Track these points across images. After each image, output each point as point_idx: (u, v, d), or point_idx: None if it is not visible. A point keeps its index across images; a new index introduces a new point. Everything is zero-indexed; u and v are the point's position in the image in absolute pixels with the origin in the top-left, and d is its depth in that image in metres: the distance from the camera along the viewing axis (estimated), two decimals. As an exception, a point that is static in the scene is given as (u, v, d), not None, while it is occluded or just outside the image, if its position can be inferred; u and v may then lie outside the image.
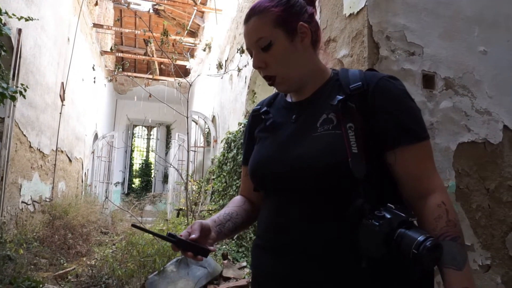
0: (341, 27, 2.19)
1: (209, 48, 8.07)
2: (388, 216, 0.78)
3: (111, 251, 4.95)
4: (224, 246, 4.18)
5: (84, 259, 5.22)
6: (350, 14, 2.10)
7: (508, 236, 1.93)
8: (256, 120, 1.10)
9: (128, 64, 4.77)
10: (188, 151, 3.75)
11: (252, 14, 0.97)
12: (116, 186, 12.86)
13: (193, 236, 0.89)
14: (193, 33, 11.91)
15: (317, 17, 2.53)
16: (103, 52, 10.89)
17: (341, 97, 0.90)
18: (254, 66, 0.99)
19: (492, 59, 2.09)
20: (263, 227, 0.99)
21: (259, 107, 1.12)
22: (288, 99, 1.07)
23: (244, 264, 3.81)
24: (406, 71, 1.95)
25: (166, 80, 11.61)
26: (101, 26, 9.77)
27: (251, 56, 1.00)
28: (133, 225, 0.98)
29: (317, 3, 2.55)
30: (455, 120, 1.97)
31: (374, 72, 0.97)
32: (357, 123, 0.87)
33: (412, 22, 2.00)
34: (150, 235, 4.29)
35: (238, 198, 1.15)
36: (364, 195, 0.84)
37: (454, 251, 0.79)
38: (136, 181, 15.21)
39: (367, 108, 0.90)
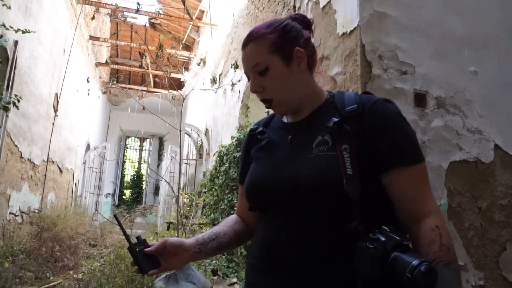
0: (335, 45, 2.19)
1: (204, 62, 8.09)
2: (383, 238, 0.77)
3: (99, 264, 4.82)
4: (214, 261, 4.10)
5: (71, 272, 5.08)
6: (343, 33, 2.10)
7: (501, 256, 1.91)
8: (253, 140, 1.10)
9: (122, 77, 4.74)
10: (180, 164, 3.71)
11: (249, 40, 0.99)
12: (106, 197, 12.67)
13: (148, 249, 0.95)
14: (188, 47, 11.95)
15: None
16: (98, 64, 10.86)
17: (336, 119, 0.90)
18: (252, 90, 0.99)
19: (482, 79, 2.11)
20: (257, 247, 0.97)
21: (256, 127, 1.12)
22: (285, 119, 1.07)
23: (235, 280, 3.73)
24: (398, 90, 1.95)
25: (160, 92, 11.59)
26: (97, 38, 9.77)
27: (249, 80, 1.00)
28: (114, 216, 1.04)
29: (311, 21, 2.57)
30: (446, 138, 1.97)
31: (369, 95, 0.98)
32: (352, 145, 0.87)
33: (404, 42, 2.01)
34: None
35: (231, 217, 1.14)
36: (358, 217, 0.83)
37: (447, 277, 0.77)
38: (127, 193, 15.02)
39: (362, 131, 0.90)
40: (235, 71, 4.79)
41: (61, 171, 7.92)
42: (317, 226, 0.87)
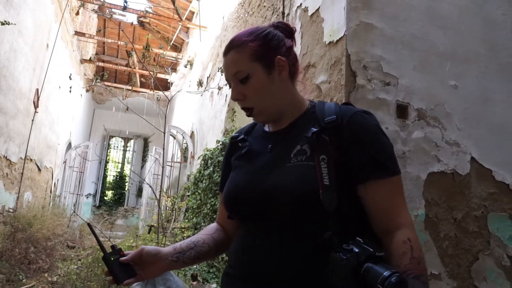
0: (321, 53, 2.26)
1: (191, 64, 8.11)
2: (356, 249, 0.80)
3: (75, 267, 4.76)
4: (195, 266, 4.11)
5: (46, 275, 4.99)
6: (330, 42, 2.17)
7: (473, 266, 1.99)
8: (234, 148, 1.12)
9: (107, 76, 4.72)
10: (163, 167, 3.72)
11: (231, 47, 1.00)
12: (87, 198, 12.51)
13: (123, 258, 0.95)
14: (177, 48, 11.94)
15: (298, 42, 2.60)
16: (83, 61, 10.76)
17: (315, 129, 0.92)
18: (233, 98, 1.01)
19: (462, 93, 2.20)
20: (234, 256, 1.00)
21: (237, 134, 1.14)
22: (266, 128, 1.09)
23: (215, 286, 3.75)
24: (381, 100, 2.02)
25: (146, 93, 11.55)
26: (83, 34, 9.69)
27: (230, 87, 1.03)
28: (88, 224, 1.04)
29: (298, 29, 2.63)
30: (426, 150, 2.05)
31: (349, 106, 1.00)
32: (330, 155, 0.89)
33: (388, 54, 2.09)
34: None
35: (211, 226, 1.15)
36: (333, 228, 0.85)
37: None
38: (109, 194, 14.84)
39: (341, 141, 0.92)
40: (222, 74, 4.83)
41: (39, 169, 7.80)
42: (292, 236, 0.89)
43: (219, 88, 4.72)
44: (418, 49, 2.17)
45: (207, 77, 6.41)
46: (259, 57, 0.98)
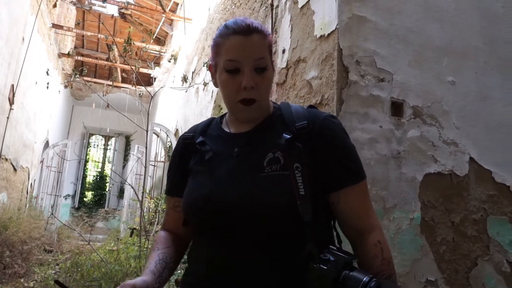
0: (312, 48, 2.20)
1: (175, 59, 8.00)
2: (332, 258, 0.82)
3: (53, 272, 4.67)
4: (179, 271, 4.04)
5: (22, 280, 4.89)
6: (321, 36, 2.12)
7: (472, 272, 1.97)
8: (189, 149, 1.06)
9: (86, 70, 4.60)
10: (145, 167, 3.64)
11: (254, 30, 0.95)
12: (66, 199, 12.28)
13: None
14: (160, 41, 11.77)
15: (288, 36, 2.54)
16: (61, 55, 10.54)
17: (288, 136, 0.92)
18: (246, 84, 0.94)
19: (460, 90, 2.17)
20: (202, 267, 0.95)
21: (191, 134, 1.09)
22: (226, 128, 1.06)
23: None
24: (374, 98, 1.97)
25: (128, 88, 11.37)
26: (61, 27, 9.47)
27: (231, 71, 0.95)
28: (56, 282, 0.96)
29: (288, 22, 2.57)
30: (422, 150, 2.01)
31: (316, 110, 1.02)
32: (304, 163, 0.90)
33: (382, 48, 2.04)
34: (98, 256, 4.09)
35: (165, 236, 1.08)
36: (311, 239, 0.87)
37: None
38: (89, 195, 14.61)
39: (313, 148, 0.94)
40: (207, 69, 4.75)
41: (15, 169, 7.61)
42: (271, 249, 0.88)
43: (205, 84, 4.64)
44: (413, 44, 2.14)
45: (192, 72, 6.32)
46: (271, 52, 1.00)
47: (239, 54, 0.94)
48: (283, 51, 2.60)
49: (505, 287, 1.98)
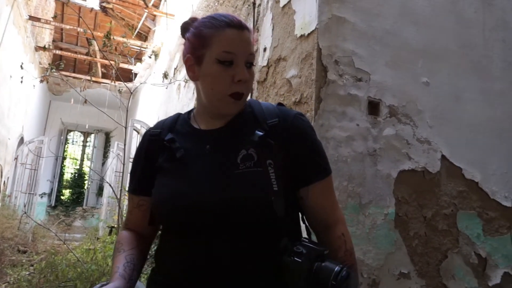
0: (292, 47, 2.28)
1: (156, 55, 7.98)
2: (305, 251, 0.87)
3: (27, 273, 4.61)
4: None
5: (-7, 282, 4.80)
6: (301, 35, 2.20)
7: (442, 264, 2.08)
8: (156, 146, 1.05)
9: (63, 65, 4.55)
10: (124, 164, 3.65)
11: (244, 26, 0.99)
12: (41, 197, 12.06)
13: None
14: (143, 36, 11.68)
15: (269, 34, 2.62)
16: (38, 48, 10.35)
17: (261, 133, 0.96)
18: (243, 77, 0.96)
19: (433, 90, 2.28)
20: (173, 266, 0.95)
21: (158, 130, 1.07)
22: (194, 125, 1.06)
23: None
24: (352, 97, 2.07)
25: (108, 84, 11.25)
26: (38, 19, 9.30)
27: (225, 63, 0.96)
28: None
29: (269, 20, 2.65)
30: (397, 147, 2.11)
31: (285, 108, 1.07)
32: (277, 160, 0.94)
33: (360, 49, 2.13)
34: (74, 256, 4.07)
35: (128, 236, 1.06)
36: (285, 233, 0.91)
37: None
38: (66, 193, 14.38)
39: (283, 145, 0.98)
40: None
41: (-12, 166, 7.46)
42: (250, 247, 0.91)
43: (186, 81, 4.67)
44: (390, 45, 2.24)
45: (174, 69, 6.33)
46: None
47: (235, 47, 0.95)
48: (264, 50, 2.67)
49: (473, 278, 2.11)
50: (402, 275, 1.99)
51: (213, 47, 0.95)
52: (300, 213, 1.06)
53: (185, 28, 1.05)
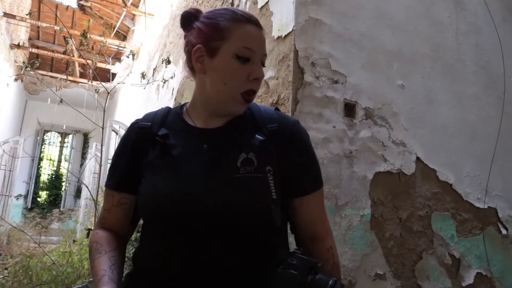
0: (270, 48, 2.26)
1: (133, 55, 7.86)
2: (299, 263, 0.83)
3: (0, 277, 4.47)
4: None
5: (-34, 286, 4.64)
6: (279, 37, 2.18)
7: (417, 265, 2.10)
8: (146, 140, 0.97)
9: (37, 63, 4.41)
10: (100, 165, 3.57)
11: (262, 26, 0.97)
12: (17, 199, 11.72)
13: None
14: (122, 36, 11.49)
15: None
16: (14, 46, 10.05)
17: (262, 138, 0.91)
18: (260, 75, 0.94)
19: (409, 93, 2.30)
20: (165, 269, 0.88)
21: (149, 124, 0.99)
22: (189, 121, 0.99)
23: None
24: (329, 99, 2.06)
25: (86, 84, 11.02)
26: (13, 16, 9.02)
27: (242, 59, 0.92)
28: None
29: (247, 21, 2.62)
30: (373, 149, 2.12)
31: (284, 114, 1.04)
32: (275, 166, 0.91)
33: (337, 51, 2.13)
34: (49, 258, 3.96)
35: (108, 236, 0.98)
36: (281, 243, 0.92)
37: None
38: (43, 195, 14.01)
39: (282, 152, 0.94)
40: (166, 67, 4.71)
41: (-41, 167, 7.20)
42: (244, 253, 0.87)
43: (164, 81, 4.60)
44: (366, 48, 2.24)
45: (154, 69, 6.24)
46: None
47: (255, 44, 0.92)
48: (243, 51, 2.64)
49: (447, 278, 2.13)
50: (378, 276, 1.99)
51: (231, 41, 0.91)
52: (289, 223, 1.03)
53: (188, 17, 0.98)
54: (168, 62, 4.15)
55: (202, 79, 0.96)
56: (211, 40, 0.92)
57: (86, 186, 4.60)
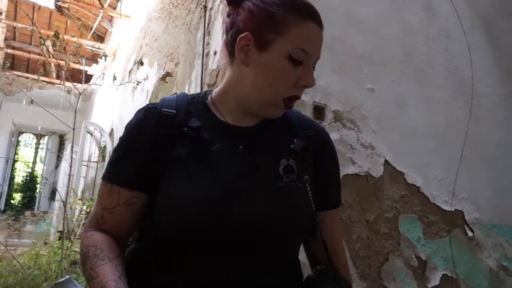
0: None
1: (105, 57, 7.72)
2: (332, 280, 0.80)
3: (-34, 281, 4.26)
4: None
5: None
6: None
7: (384, 267, 2.08)
8: (170, 131, 0.80)
9: (8, 64, 4.25)
10: (70, 166, 3.45)
11: (322, 25, 0.85)
12: (-10, 202, 11.32)
13: None
14: (100, 37, 11.28)
15: (220, 38, 2.55)
16: (-13, 46, 9.73)
17: (302, 143, 0.83)
18: (309, 83, 0.83)
19: (378, 96, 2.30)
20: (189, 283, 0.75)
21: (174, 111, 0.82)
22: (218, 115, 0.85)
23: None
24: (298, 101, 2.02)
25: (63, 85, 10.74)
26: (-13, 15, 8.74)
27: (295, 62, 0.79)
28: None
29: (221, 24, 2.58)
30: (341, 152, 2.10)
31: (311, 118, 0.99)
32: (312, 176, 0.85)
33: (307, 53, 2.10)
34: (17, 262, 3.81)
35: (108, 240, 0.79)
36: (312, 254, 0.91)
37: None
38: (17, 197, 13.56)
39: (315, 161, 0.87)
40: (138, 68, 4.61)
41: None
42: (283, 265, 0.81)
43: (138, 83, 4.50)
44: (337, 51, 2.23)
45: (130, 70, 6.12)
46: None
47: (313, 47, 0.81)
48: (215, 53, 2.59)
49: (413, 280, 2.12)
50: None
51: (287, 38, 0.77)
52: None
53: None
54: (141, 63, 4.06)
55: (242, 71, 0.81)
56: (264, 31, 0.78)
57: (55, 188, 4.45)
